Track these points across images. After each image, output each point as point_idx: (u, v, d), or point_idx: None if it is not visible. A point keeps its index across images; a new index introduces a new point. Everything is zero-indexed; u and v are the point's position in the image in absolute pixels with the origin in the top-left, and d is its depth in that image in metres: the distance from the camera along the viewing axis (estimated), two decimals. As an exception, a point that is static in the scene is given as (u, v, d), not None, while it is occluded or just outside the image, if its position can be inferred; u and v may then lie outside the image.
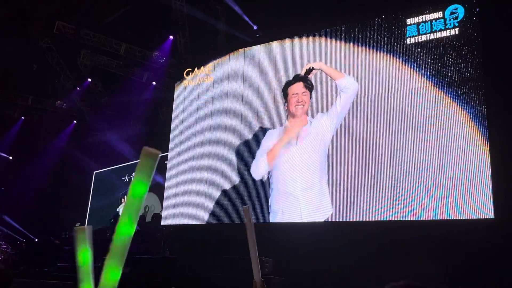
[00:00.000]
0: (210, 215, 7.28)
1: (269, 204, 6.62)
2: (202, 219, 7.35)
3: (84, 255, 1.23)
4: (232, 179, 7.21)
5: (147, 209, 10.70)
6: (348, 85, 6.25)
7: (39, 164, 13.66)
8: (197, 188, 7.52)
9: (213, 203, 7.29)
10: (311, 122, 6.47)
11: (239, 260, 5.53)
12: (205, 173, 7.48)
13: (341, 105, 6.27)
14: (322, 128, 6.38)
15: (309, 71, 6.58)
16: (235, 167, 7.21)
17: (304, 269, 5.77)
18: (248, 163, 7.05)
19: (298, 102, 6.46)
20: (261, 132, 7.01)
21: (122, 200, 12.38)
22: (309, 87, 6.52)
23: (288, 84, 6.66)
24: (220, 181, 7.32)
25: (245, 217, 2.22)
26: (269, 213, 6.61)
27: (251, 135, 7.15)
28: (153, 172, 1.00)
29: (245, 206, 2.28)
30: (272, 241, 5.86)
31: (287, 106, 6.63)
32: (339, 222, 6.14)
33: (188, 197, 7.58)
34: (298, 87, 6.53)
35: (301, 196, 6.35)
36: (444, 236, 5.33)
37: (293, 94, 6.53)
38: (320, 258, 5.75)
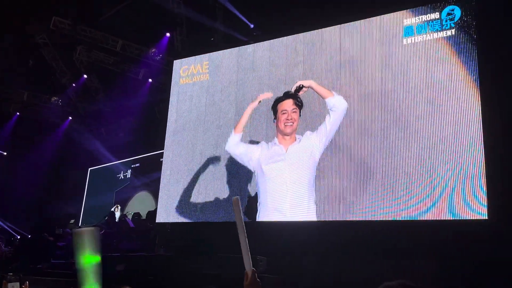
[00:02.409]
0: (205, 213, 7.27)
1: (256, 218, 6.60)
2: (197, 217, 7.35)
3: (87, 258, 1.24)
4: (228, 177, 7.20)
5: (131, 213, 10.69)
6: (337, 104, 6.20)
7: (34, 160, 13.63)
8: (192, 186, 7.51)
9: (208, 201, 7.28)
10: (300, 140, 6.43)
11: (233, 258, 5.53)
12: (201, 171, 7.48)
13: (331, 123, 6.23)
14: (311, 146, 6.34)
15: (299, 88, 6.49)
16: (231, 165, 7.20)
17: (298, 268, 5.77)
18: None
19: (288, 120, 6.36)
20: (256, 130, 7.00)
21: (116, 209, 12.34)
22: (299, 104, 6.43)
23: (278, 100, 6.55)
24: (215, 179, 7.31)
25: (234, 207, 2.25)
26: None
27: (246, 133, 7.15)
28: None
29: (234, 197, 2.30)
30: (266, 240, 5.88)
31: (276, 123, 6.54)
32: (333, 221, 6.14)
33: (183, 195, 7.57)
34: (288, 104, 6.41)
35: (288, 213, 6.33)
36: (438, 236, 5.35)
37: (282, 111, 6.42)
38: (314, 257, 5.76)
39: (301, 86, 6.50)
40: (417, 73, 5.99)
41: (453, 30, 5.85)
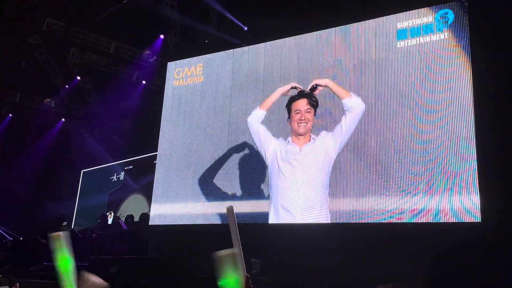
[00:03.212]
0: (198, 215, 7.25)
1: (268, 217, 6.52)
2: (190, 219, 7.33)
3: (64, 262, 1.24)
4: (222, 179, 7.19)
5: (124, 215, 10.65)
6: (354, 105, 6.04)
7: (27, 162, 13.55)
8: (185, 188, 7.49)
9: (202, 203, 7.26)
10: (314, 140, 6.25)
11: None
12: (194, 173, 7.46)
13: (347, 124, 6.07)
14: (326, 147, 6.18)
15: (314, 88, 6.32)
16: (225, 166, 7.19)
17: (292, 270, 5.77)
18: (237, 162, 7.05)
19: (301, 120, 6.17)
20: (250, 132, 6.98)
21: (109, 215, 12.28)
22: (314, 104, 6.24)
23: (291, 99, 6.35)
24: (210, 181, 7.30)
25: (229, 216, 2.23)
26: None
27: (240, 135, 7.14)
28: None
29: (228, 206, 2.27)
30: (261, 242, 5.87)
31: (289, 123, 6.37)
32: (328, 224, 6.14)
33: (176, 197, 7.54)
34: (302, 103, 6.22)
35: (299, 216, 6.19)
36: (431, 238, 5.36)
37: (296, 111, 6.24)
38: (308, 260, 5.76)
39: (316, 85, 6.32)
40: (410, 76, 6.01)
41: (446, 33, 5.89)
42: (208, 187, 7.27)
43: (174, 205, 7.52)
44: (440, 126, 5.68)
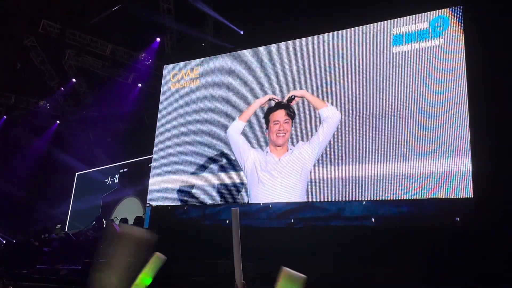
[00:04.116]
0: (193, 218, 7.24)
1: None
2: (186, 223, 7.32)
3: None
4: (217, 183, 7.19)
5: (118, 219, 10.60)
6: (331, 115, 6.10)
7: (21, 164, 13.48)
8: (180, 192, 7.49)
9: (197, 206, 7.26)
10: (292, 151, 6.34)
11: (222, 265, 5.50)
12: (190, 177, 7.45)
13: (324, 134, 6.13)
14: (303, 157, 6.26)
15: (291, 99, 6.41)
16: (220, 170, 7.19)
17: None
18: (233, 166, 7.05)
19: (280, 131, 6.26)
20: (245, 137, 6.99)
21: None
22: (291, 114, 6.35)
23: (269, 110, 6.44)
24: (205, 185, 7.30)
25: (233, 219, 2.21)
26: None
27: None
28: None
29: (233, 208, 2.25)
30: (256, 246, 5.85)
31: (268, 133, 6.44)
32: (323, 225, 6.13)
33: (171, 202, 7.54)
34: (280, 114, 6.31)
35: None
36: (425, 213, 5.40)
37: (274, 122, 6.32)
38: (302, 262, 5.74)
39: (293, 96, 6.44)
40: (406, 81, 6.04)
41: (441, 39, 5.93)
42: (204, 190, 7.27)
43: (170, 209, 7.50)
44: (436, 134, 5.71)
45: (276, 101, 6.50)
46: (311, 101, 6.32)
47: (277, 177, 6.35)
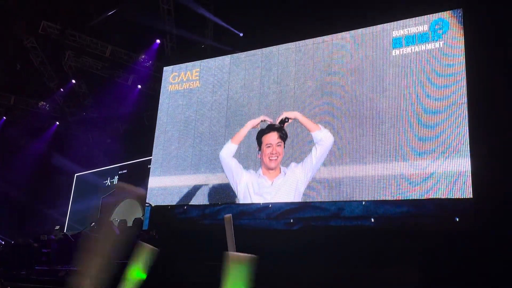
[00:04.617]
0: (192, 221, 7.23)
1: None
2: (184, 225, 7.31)
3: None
4: (217, 184, 7.18)
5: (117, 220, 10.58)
6: (324, 138, 6.15)
7: (20, 165, 13.46)
8: (180, 191, 7.48)
9: (196, 208, 7.25)
10: (285, 173, 6.36)
11: (219, 266, 5.48)
12: (189, 178, 7.45)
13: (317, 157, 6.17)
14: (296, 179, 6.29)
15: (284, 121, 6.46)
16: (220, 170, 7.18)
17: (285, 277, 5.75)
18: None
19: (272, 154, 6.30)
20: (245, 137, 6.99)
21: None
22: (284, 137, 6.38)
23: (261, 132, 6.50)
24: (203, 187, 7.29)
25: (226, 225, 2.22)
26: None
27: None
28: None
29: (226, 215, 2.26)
30: (256, 247, 5.84)
31: (260, 155, 6.47)
32: (323, 225, 6.12)
33: (172, 199, 7.53)
34: (273, 137, 6.37)
35: None
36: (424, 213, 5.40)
37: (267, 145, 6.37)
38: (302, 262, 5.75)
39: (286, 118, 6.42)
40: (406, 83, 6.05)
41: (441, 42, 5.93)
42: (203, 192, 7.26)
43: (169, 210, 7.49)
44: (436, 135, 5.71)
45: (269, 122, 6.54)
46: (304, 124, 6.33)
47: (270, 201, 6.35)
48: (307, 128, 6.29)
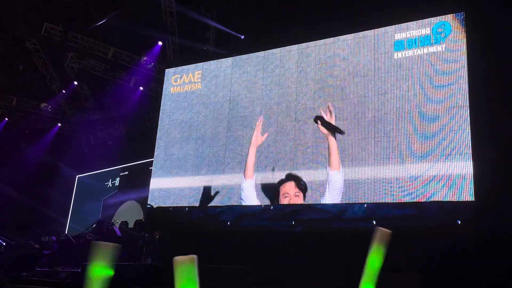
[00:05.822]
0: (194, 223, 7.22)
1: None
2: (186, 228, 7.30)
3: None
4: (218, 187, 7.18)
5: (119, 222, 10.59)
6: (338, 180, 5.84)
7: (22, 166, 13.47)
8: (181, 196, 7.47)
9: (197, 211, 7.24)
10: None
11: (223, 269, 5.48)
12: (191, 180, 7.44)
13: (330, 196, 5.91)
14: None
15: (321, 118, 6.11)
16: (221, 172, 7.18)
17: (286, 278, 5.74)
18: (232, 170, 7.04)
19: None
20: (247, 140, 6.99)
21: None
22: (302, 188, 5.98)
23: (280, 182, 6.14)
24: (205, 187, 7.28)
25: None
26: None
27: (237, 143, 7.15)
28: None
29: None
30: (257, 248, 5.85)
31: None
32: (324, 227, 6.11)
33: (172, 204, 7.52)
34: (290, 186, 6.01)
35: None
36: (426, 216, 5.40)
37: (284, 195, 6.06)
38: (303, 264, 5.74)
39: (322, 118, 6.09)
40: (408, 86, 6.04)
41: (443, 45, 5.93)
42: (205, 194, 7.26)
43: (170, 213, 7.49)
44: (438, 138, 5.70)
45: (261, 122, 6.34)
46: (331, 154, 5.94)
47: None
48: (330, 160, 5.99)
